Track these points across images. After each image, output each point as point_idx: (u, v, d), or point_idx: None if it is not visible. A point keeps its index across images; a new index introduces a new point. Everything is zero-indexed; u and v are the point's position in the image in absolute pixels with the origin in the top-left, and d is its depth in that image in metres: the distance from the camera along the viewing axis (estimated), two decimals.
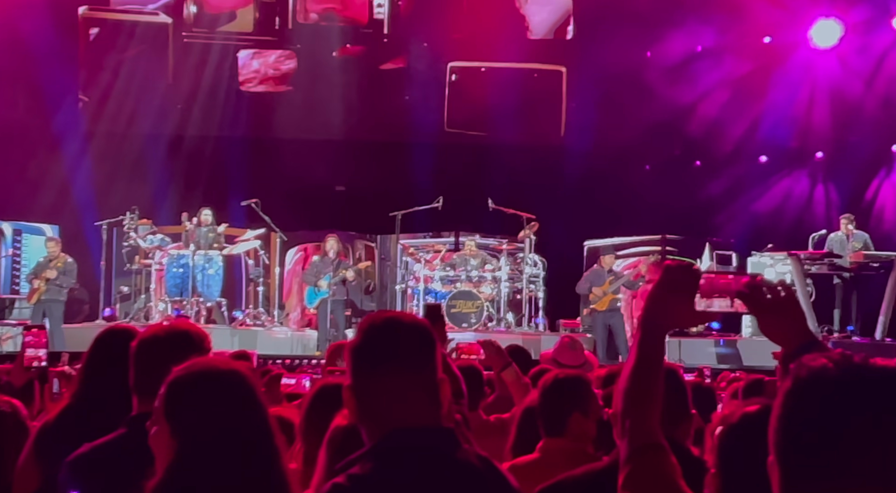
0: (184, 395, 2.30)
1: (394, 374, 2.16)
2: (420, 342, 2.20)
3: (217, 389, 2.31)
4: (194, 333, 3.05)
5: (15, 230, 15.89)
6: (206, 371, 2.34)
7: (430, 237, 16.80)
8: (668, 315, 1.98)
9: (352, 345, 2.22)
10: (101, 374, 3.27)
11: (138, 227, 15.05)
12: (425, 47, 18.66)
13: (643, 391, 1.94)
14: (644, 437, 1.91)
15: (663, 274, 1.98)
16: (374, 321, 2.24)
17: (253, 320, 15.11)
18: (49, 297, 14.12)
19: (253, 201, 15.31)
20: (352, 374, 2.19)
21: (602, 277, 14.62)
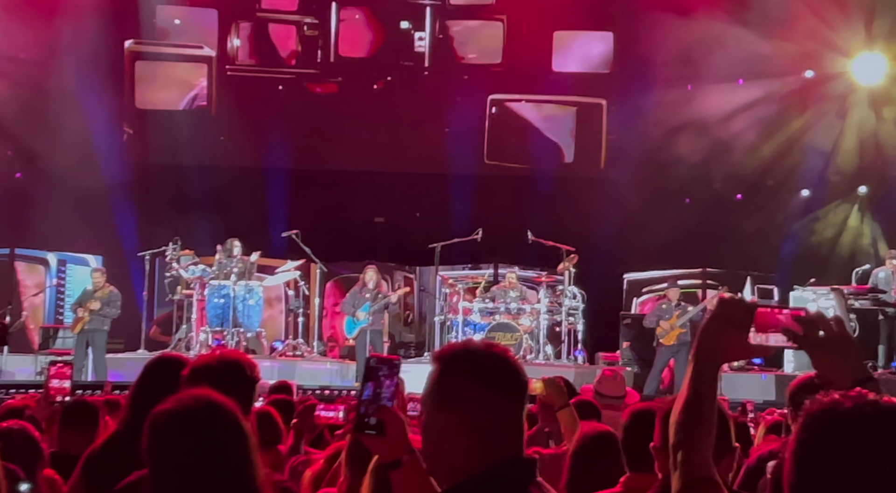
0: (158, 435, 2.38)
1: (516, 401, 2.13)
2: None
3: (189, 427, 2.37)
4: (244, 362, 3.07)
5: (60, 261, 16.09)
6: (182, 410, 2.39)
7: (470, 269, 16.81)
8: (723, 349, 1.97)
9: (474, 369, 2.13)
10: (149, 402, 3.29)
11: (180, 257, 15.18)
12: (465, 80, 18.76)
13: (696, 424, 1.93)
14: (696, 470, 1.90)
15: (718, 307, 1.98)
16: (492, 347, 2.20)
17: (292, 351, 15.15)
18: (92, 327, 14.24)
19: (293, 232, 15.40)
20: (469, 398, 2.09)
21: (669, 310, 14.47)
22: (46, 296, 15.86)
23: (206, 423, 2.35)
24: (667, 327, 14.29)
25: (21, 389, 11.22)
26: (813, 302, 14.47)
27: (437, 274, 15.98)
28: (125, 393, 4.63)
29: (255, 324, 15.10)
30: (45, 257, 16.10)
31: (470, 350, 2.17)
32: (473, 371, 2.11)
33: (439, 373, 2.14)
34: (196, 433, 2.34)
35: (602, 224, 17.10)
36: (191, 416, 2.36)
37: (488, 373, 2.11)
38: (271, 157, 17.94)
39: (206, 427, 2.35)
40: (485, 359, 2.13)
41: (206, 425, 2.35)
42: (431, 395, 2.13)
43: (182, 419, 2.36)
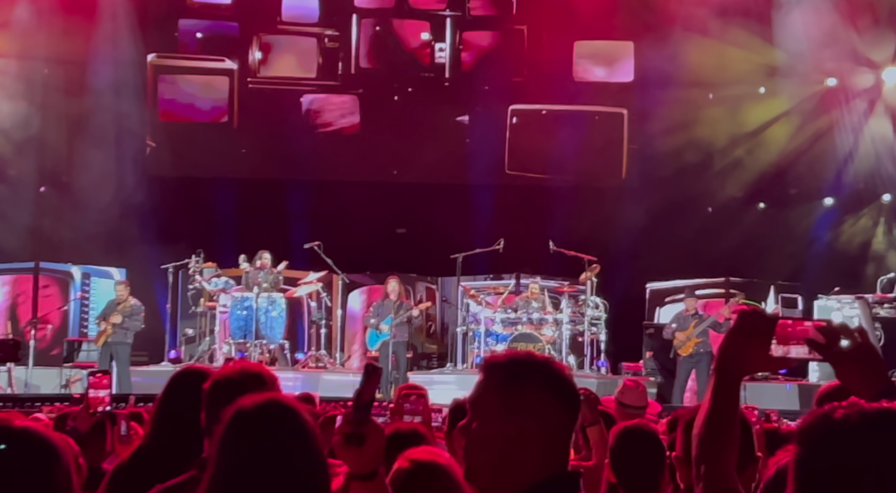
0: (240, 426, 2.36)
1: (575, 412, 2.13)
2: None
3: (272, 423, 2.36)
4: (265, 374, 3.08)
5: (84, 274, 16.19)
6: (265, 404, 2.39)
7: (492, 280, 16.80)
8: (744, 361, 1.97)
9: (544, 378, 2.12)
10: (174, 415, 3.31)
11: (203, 270, 15.25)
12: (486, 90, 18.78)
13: (718, 437, 1.92)
14: (719, 483, 1.90)
15: (738, 319, 1.97)
16: (551, 359, 2.20)
17: (315, 363, 15.18)
18: (115, 339, 14.31)
19: (315, 244, 15.45)
20: (540, 408, 2.08)
21: (687, 321, 14.43)
22: (71, 309, 15.95)
23: (290, 421, 2.38)
24: (683, 338, 14.25)
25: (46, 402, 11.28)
26: (838, 311, 14.38)
27: (459, 285, 15.97)
28: (150, 406, 4.65)
29: (277, 336, 15.14)
30: (69, 270, 16.20)
31: (534, 359, 2.17)
32: (543, 380, 2.10)
33: (506, 381, 2.10)
34: (284, 430, 2.35)
35: (624, 233, 17.05)
36: (279, 412, 2.38)
37: (556, 383, 2.11)
38: (293, 168, 18.00)
39: (292, 425, 2.37)
40: (550, 369, 2.13)
41: (291, 423, 2.37)
42: (496, 403, 2.09)
43: (270, 414, 2.38)
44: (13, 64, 17.52)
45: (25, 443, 2.16)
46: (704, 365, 14.14)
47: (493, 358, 2.18)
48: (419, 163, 18.41)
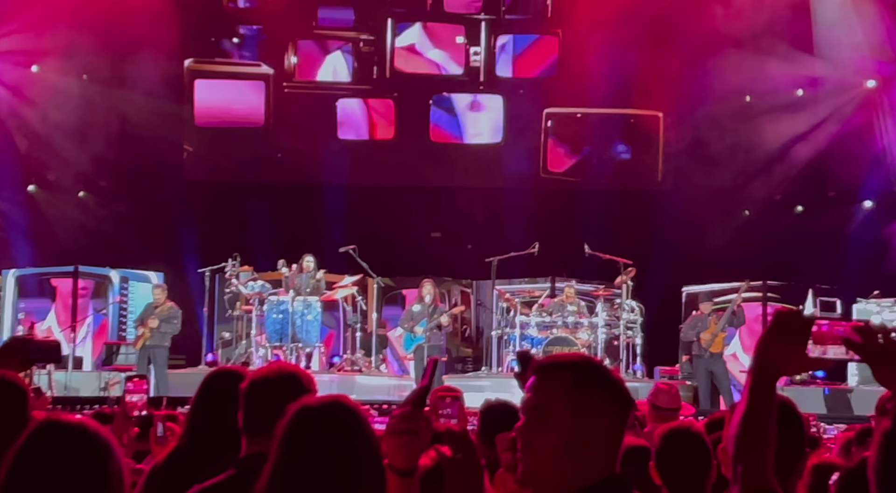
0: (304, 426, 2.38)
1: (629, 415, 2.16)
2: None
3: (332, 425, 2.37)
4: (302, 375, 3.10)
5: (122, 278, 16.33)
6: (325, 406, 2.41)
7: (526, 283, 16.77)
8: (780, 362, 1.96)
9: (608, 382, 2.15)
10: (209, 415, 3.33)
11: (239, 273, 15.33)
12: (521, 94, 18.76)
13: (755, 437, 1.92)
14: (757, 482, 1.89)
15: (775, 320, 1.96)
16: (601, 363, 2.22)
17: (350, 366, 15.23)
18: (153, 343, 14.42)
19: (350, 247, 15.50)
20: (607, 412, 2.10)
21: (705, 321, 14.43)
22: (109, 312, 16.10)
23: (354, 421, 2.39)
24: (709, 337, 14.23)
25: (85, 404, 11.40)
26: (877, 315, 14.25)
27: (494, 288, 15.96)
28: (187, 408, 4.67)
29: (313, 339, 15.20)
30: (107, 274, 16.35)
31: (596, 362, 2.19)
32: (608, 385, 2.13)
33: (575, 385, 2.11)
34: (346, 432, 2.36)
35: (660, 237, 16.97)
36: (343, 411, 2.40)
37: (618, 387, 2.14)
38: (328, 172, 18.07)
39: (355, 425, 2.38)
40: (609, 371, 2.17)
41: (355, 422, 2.39)
42: (567, 407, 2.08)
43: (334, 416, 2.39)
44: (53, 70, 17.74)
45: (84, 437, 2.23)
46: (721, 367, 14.13)
47: (554, 361, 2.17)
48: (454, 166, 18.43)
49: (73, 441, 2.26)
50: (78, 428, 2.28)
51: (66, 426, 2.29)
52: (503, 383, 13.36)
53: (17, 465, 2.26)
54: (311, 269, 15.15)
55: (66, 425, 2.29)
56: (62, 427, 2.28)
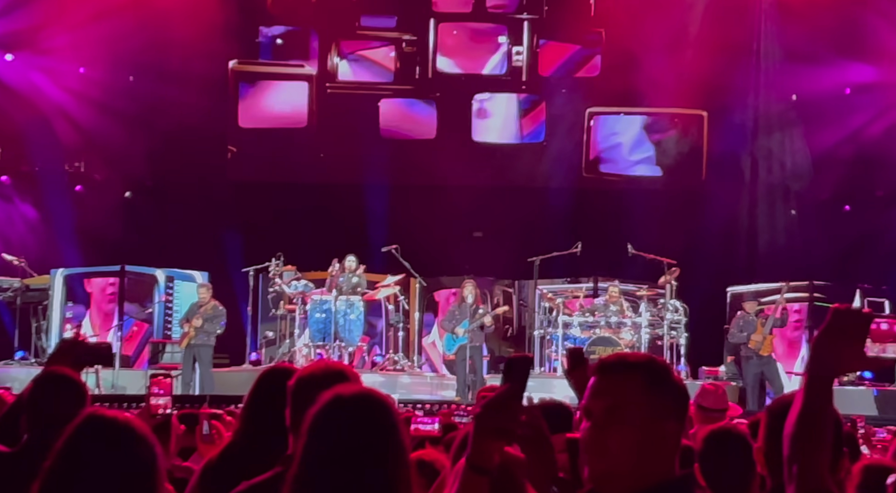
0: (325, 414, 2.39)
1: (686, 419, 2.17)
2: None
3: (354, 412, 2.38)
4: (349, 372, 3.11)
5: (167, 277, 16.47)
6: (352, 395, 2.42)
7: (569, 283, 16.72)
8: (838, 361, 1.93)
9: (677, 384, 2.16)
10: (261, 413, 3.35)
11: (283, 273, 15.42)
12: (564, 93, 18.71)
13: (811, 436, 1.90)
14: (812, 482, 1.87)
15: (832, 318, 1.94)
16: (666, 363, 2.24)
17: (392, 365, 15.26)
18: (198, 342, 14.53)
19: (393, 247, 15.54)
20: (680, 412, 2.11)
21: (752, 322, 14.32)
22: (155, 311, 16.25)
23: (384, 412, 2.39)
24: (759, 339, 14.13)
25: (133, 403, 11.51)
26: None
27: (537, 288, 15.92)
28: (231, 407, 4.71)
29: (355, 338, 15.25)
30: (153, 274, 16.50)
31: (663, 363, 2.19)
32: (676, 385, 2.13)
33: (650, 385, 2.10)
34: (367, 419, 2.37)
35: (704, 236, 16.85)
36: (373, 402, 2.40)
37: (683, 388, 2.15)
38: (370, 172, 18.13)
39: (384, 415, 2.38)
40: (675, 373, 2.18)
41: (385, 413, 2.38)
42: (644, 407, 2.08)
43: (366, 403, 2.40)
44: (100, 71, 17.95)
45: (125, 430, 2.28)
46: (773, 368, 14.01)
47: (623, 360, 2.16)
48: (496, 166, 18.42)
49: (115, 434, 2.32)
50: (119, 421, 2.34)
51: (108, 420, 2.34)
52: (546, 383, 13.35)
53: (62, 456, 2.31)
54: (353, 268, 15.20)
55: (108, 418, 2.34)
56: (104, 420, 2.34)
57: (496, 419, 2.04)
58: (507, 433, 2.04)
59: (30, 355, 15.45)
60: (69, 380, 3.80)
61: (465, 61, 18.95)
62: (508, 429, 2.04)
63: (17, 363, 15.11)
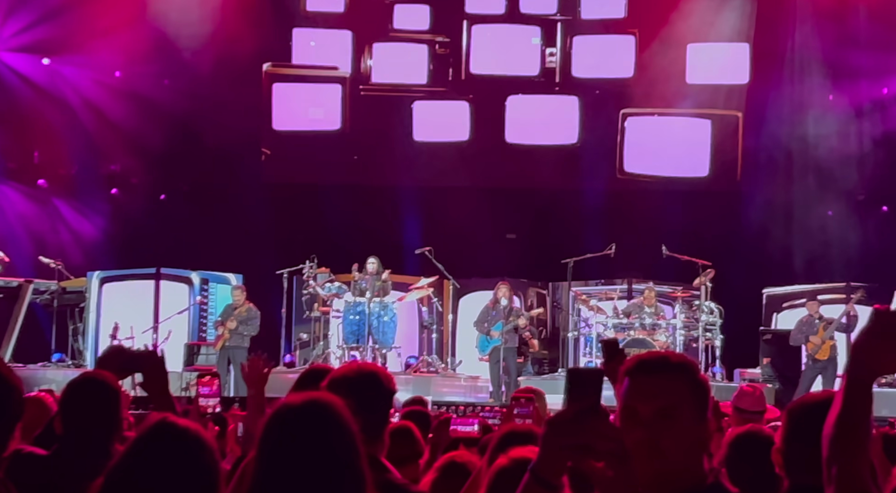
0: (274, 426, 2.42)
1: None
2: None
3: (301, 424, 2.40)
4: (382, 374, 3.11)
5: (202, 279, 16.57)
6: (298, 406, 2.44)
7: (603, 284, 16.66)
8: (878, 362, 1.90)
9: (708, 386, 2.21)
10: None
11: (317, 275, 15.47)
12: (597, 95, 18.64)
13: (851, 438, 1.87)
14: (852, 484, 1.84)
15: (874, 319, 1.91)
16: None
17: (426, 367, 15.27)
18: (233, 343, 14.62)
19: (426, 249, 15.55)
20: (717, 410, 2.17)
21: (813, 325, 14.17)
22: (190, 313, 16.35)
23: (320, 419, 2.41)
24: (818, 342, 13.98)
25: None
26: None
27: (571, 290, 15.88)
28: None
29: (389, 340, 15.27)
30: (188, 276, 16.60)
31: (694, 363, 2.21)
32: (708, 387, 2.15)
33: (696, 385, 2.11)
34: (309, 427, 2.39)
35: (739, 238, 16.73)
36: (306, 411, 2.42)
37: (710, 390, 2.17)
38: (404, 174, 18.15)
39: (320, 423, 2.40)
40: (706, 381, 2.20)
41: (320, 420, 2.40)
42: (695, 407, 2.08)
43: (297, 413, 2.42)
44: (135, 76, 18.09)
45: (193, 437, 2.31)
46: (831, 371, 13.84)
47: (669, 360, 2.15)
48: (529, 168, 18.38)
49: (183, 440, 2.36)
50: (187, 428, 2.39)
51: (177, 427, 2.38)
52: None
53: (129, 461, 2.34)
54: (375, 271, 15.20)
55: (178, 425, 2.39)
56: (174, 428, 2.38)
57: (572, 435, 1.92)
58: (586, 450, 1.91)
59: (66, 358, 15.59)
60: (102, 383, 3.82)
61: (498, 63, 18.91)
62: (587, 445, 1.91)
63: (55, 366, 15.24)
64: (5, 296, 15.39)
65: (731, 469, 3.73)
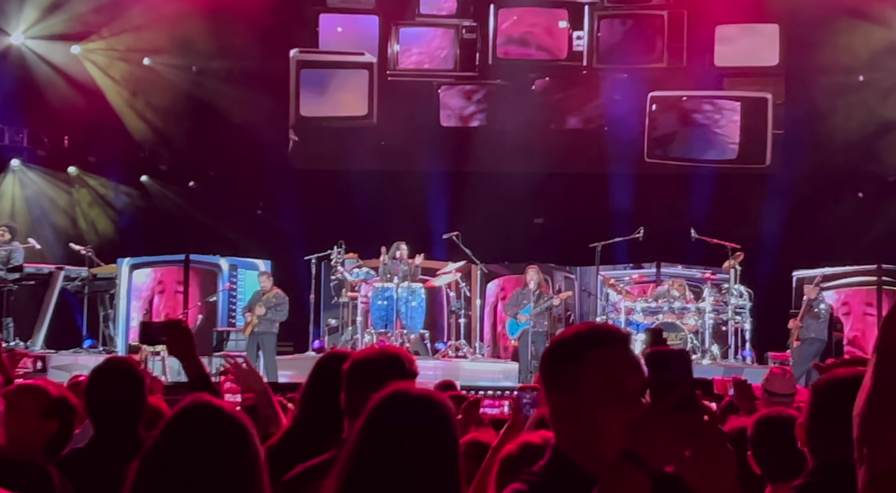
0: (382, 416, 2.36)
1: None
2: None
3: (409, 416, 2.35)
4: (404, 356, 3.11)
5: (231, 265, 16.64)
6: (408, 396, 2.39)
7: (631, 268, 16.60)
8: None
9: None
10: (319, 397, 3.36)
11: (345, 261, 15.50)
12: (625, 78, 18.53)
13: (881, 418, 1.84)
14: (884, 463, 1.81)
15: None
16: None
17: (455, 352, 15.28)
18: (261, 329, 14.68)
19: (454, 234, 15.54)
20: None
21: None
22: (219, 300, 16.43)
23: (429, 408, 2.38)
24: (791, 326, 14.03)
25: None
26: None
27: (599, 274, 15.83)
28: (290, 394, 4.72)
29: (418, 325, 15.29)
30: (217, 262, 16.67)
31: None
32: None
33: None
34: (424, 414, 2.36)
35: (769, 220, 16.61)
36: (419, 401, 2.39)
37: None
38: (431, 159, 18.13)
39: (429, 411, 2.37)
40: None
41: (429, 409, 2.37)
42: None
43: (410, 401, 2.39)
44: (164, 61, 18.16)
45: (230, 418, 2.30)
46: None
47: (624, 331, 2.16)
48: (557, 152, 18.31)
49: (221, 421, 2.33)
50: (222, 408, 2.36)
51: (213, 407, 2.35)
52: None
53: (165, 441, 2.31)
54: (405, 256, 15.21)
55: (213, 406, 2.36)
56: (210, 408, 2.35)
57: (681, 424, 1.77)
58: (689, 439, 1.78)
59: (98, 344, 15.72)
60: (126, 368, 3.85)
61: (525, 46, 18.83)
62: (691, 434, 1.78)
63: (86, 352, 15.36)
64: (37, 283, 15.53)
65: (756, 451, 3.70)
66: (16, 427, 3.34)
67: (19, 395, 3.49)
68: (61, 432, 3.50)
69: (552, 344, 2.19)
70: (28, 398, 3.46)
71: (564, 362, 2.11)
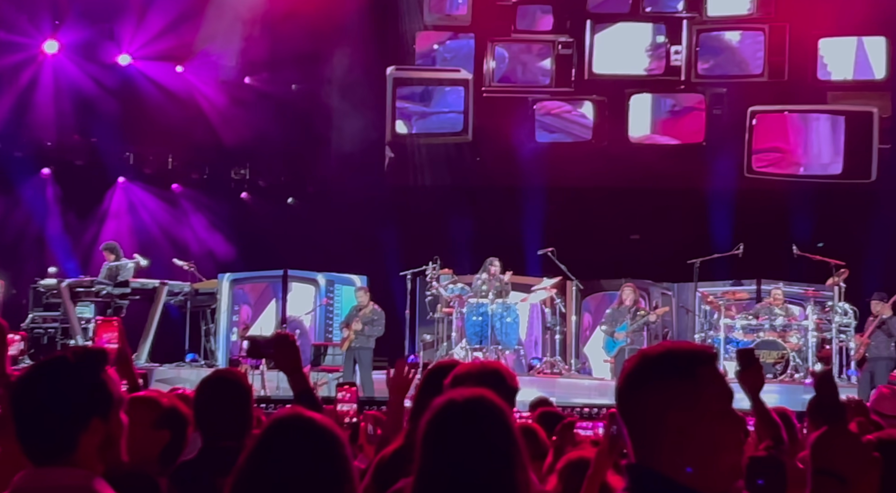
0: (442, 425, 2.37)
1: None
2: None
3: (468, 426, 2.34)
4: (504, 371, 3.11)
5: (328, 281, 16.81)
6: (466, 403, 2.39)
7: (731, 285, 16.31)
8: None
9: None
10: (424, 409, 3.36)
11: (440, 276, 15.53)
12: (724, 92, 18.27)
13: None
14: None
15: None
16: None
17: (550, 369, 15.19)
18: (358, 344, 14.77)
19: (549, 250, 15.47)
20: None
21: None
22: (316, 315, 16.59)
23: (482, 417, 2.36)
24: (857, 341, 13.55)
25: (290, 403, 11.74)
26: None
27: (697, 290, 15.58)
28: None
29: (513, 341, 15.24)
30: (314, 278, 16.85)
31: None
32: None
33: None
34: (470, 424, 2.34)
35: (875, 237, 16.18)
36: (468, 408, 2.38)
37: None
38: (526, 176, 18.10)
39: (482, 421, 2.35)
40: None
41: (482, 418, 2.36)
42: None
43: (458, 410, 2.38)
44: (263, 81, 18.50)
45: (325, 430, 2.30)
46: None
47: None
48: (654, 167, 18.12)
49: (313, 432, 2.33)
50: (316, 420, 2.36)
51: (306, 420, 2.35)
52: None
53: (260, 453, 2.31)
54: (497, 272, 15.18)
55: (306, 418, 2.36)
56: (303, 420, 2.35)
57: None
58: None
59: (199, 358, 16.00)
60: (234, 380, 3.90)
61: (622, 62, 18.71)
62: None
63: (188, 366, 15.65)
64: (142, 297, 15.89)
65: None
66: (129, 439, 3.41)
67: (131, 406, 3.56)
68: (174, 442, 3.56)
69: (642, 365, 2.11)
70: (140, 409, 3.52)
71: (674, 378, 2.07)
